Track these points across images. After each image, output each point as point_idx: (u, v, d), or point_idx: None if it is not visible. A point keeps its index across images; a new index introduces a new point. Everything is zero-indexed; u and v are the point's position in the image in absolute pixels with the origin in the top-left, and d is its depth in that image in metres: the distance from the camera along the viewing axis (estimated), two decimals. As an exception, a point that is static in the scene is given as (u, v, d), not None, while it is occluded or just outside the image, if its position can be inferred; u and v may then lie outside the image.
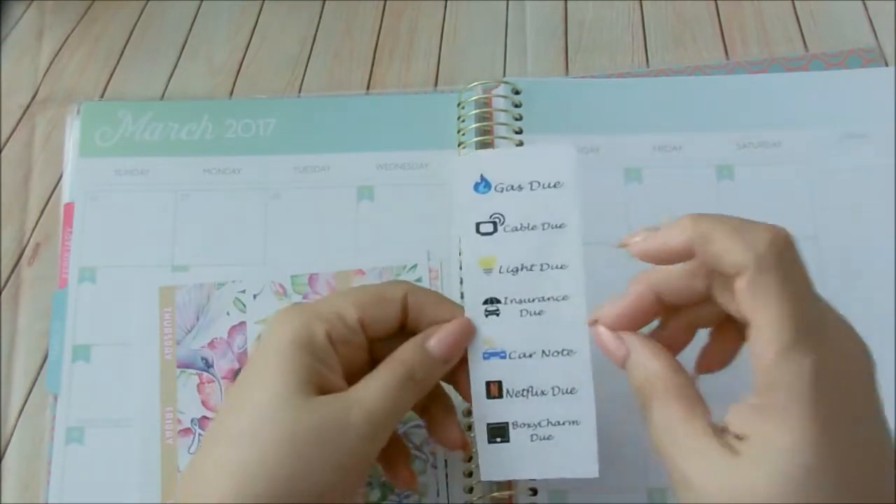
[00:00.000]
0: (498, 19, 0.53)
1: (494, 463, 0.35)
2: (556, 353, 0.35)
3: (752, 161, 0.45)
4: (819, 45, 0.49)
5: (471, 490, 0.40)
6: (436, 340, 0.34)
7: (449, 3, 0.54)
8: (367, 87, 0.51)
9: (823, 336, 0.27)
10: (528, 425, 0.35)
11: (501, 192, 0.35)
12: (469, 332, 0.35)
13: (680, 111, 0.47)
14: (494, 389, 0.35)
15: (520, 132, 0.46)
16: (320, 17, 0.55)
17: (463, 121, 0.47)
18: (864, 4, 0.51)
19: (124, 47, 0.54)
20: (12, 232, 0.48)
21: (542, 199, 0.35)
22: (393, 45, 0.53)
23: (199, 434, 0.42)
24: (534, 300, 0.35)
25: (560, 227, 0.35)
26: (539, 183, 0.35)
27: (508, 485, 0.40)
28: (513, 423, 0.35)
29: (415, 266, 0.44)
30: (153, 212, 0.46)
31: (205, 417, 0.42)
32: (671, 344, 0.32)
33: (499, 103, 0.47)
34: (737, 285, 0.28)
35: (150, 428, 0.42)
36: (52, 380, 0.44)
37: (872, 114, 0.45)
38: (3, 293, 0.47)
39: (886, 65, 0.48)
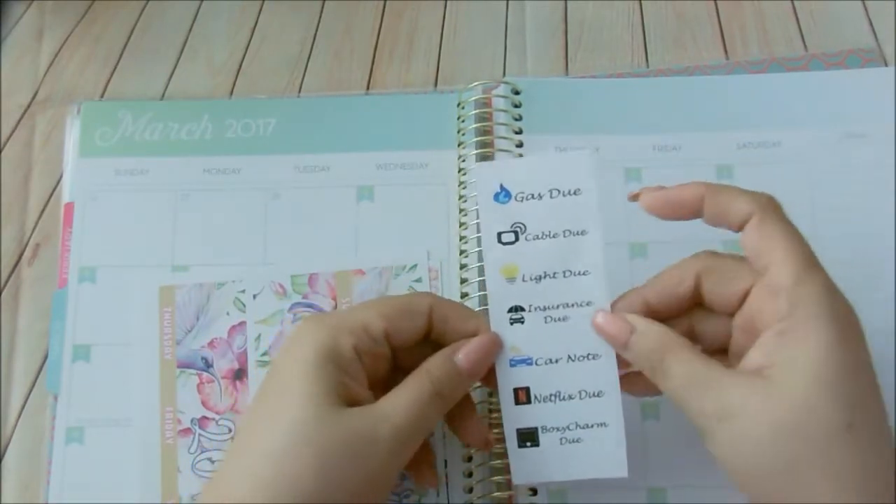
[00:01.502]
0: (498, 19, 0.53)
1: (525, 467, 0.36)
2: (581, 358, 0.35)
3: (752, 161, 0.45)
4: (819, 45, 0.49)
5: (471, 490, 0.40)
6: (464, 354, 0.34)
7: (449, 3, 0.54)
8: (367, 87, 0.51)
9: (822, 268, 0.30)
10: (557, 429, 0.36)
11: (521, 201, 0.36)
12: (496, 346, 0.35)
13: (680, 111, 0.47)
14: (522, 395, 0.36)
15: (520, 132, 0.46)
16: (320, 17, 0.55)
17: (463, 121, 0.47)
18: (864, 4, 0.51)
19: (124, 47, 0.54)
20: (12, 232, 0.48)
21: (563, 206, 0.36)
22: (393, 45, 0.53)
23: (200, 434, 0.42)
24: (558, 307, 0.35)
25: (581, 233, 0.35)
26: (559, 191, 0.36)
27: (508, 485, 0.40)
28: (542, 428, 0.36)
29: (415, 266, 0.44)
30: (153, 212, 0.46)
31: (205, 417, 0.42)
32: None
33: (499, 103, 0.47)
34: (746, 230, 0.31)
35: (150, 428, 0.42)
36: (52, 380, 0.44)
37: (872, 114, 0.45)
38: (3, 293, 0.47)
39: (886, 65, 0.48)
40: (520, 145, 0.46)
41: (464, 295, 0.43)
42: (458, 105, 0.47)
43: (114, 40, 0.55)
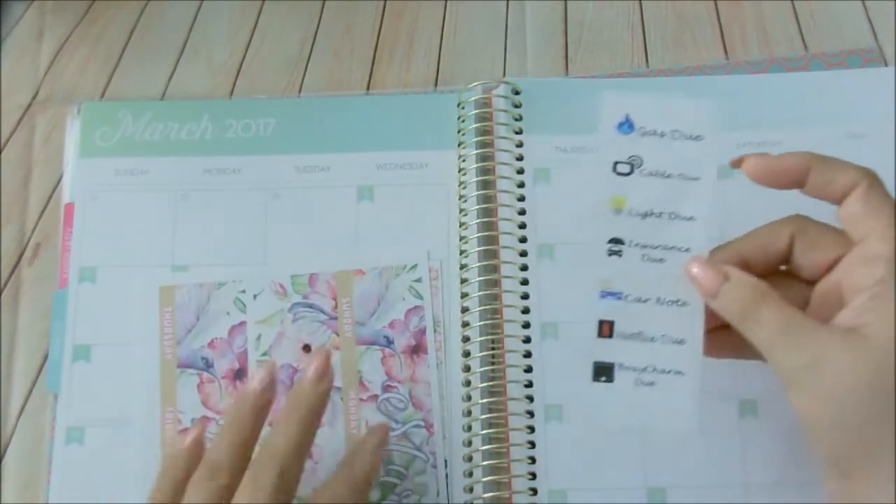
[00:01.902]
0: (498, 19, 0.53)
1: (596, 405, 0.36)
2: (670, 303, 0.35)
3: (752, 161, 0.45)
4: (819, 45, 0.49)
5: (471, 490, 0.40)
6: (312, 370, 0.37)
7: (449, 3, 0.54)
8: (367, 87, 0.51)
9: None
10: (634, 369, 0.35)
11: (643, 135, 0.36)
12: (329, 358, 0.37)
13: (680, 111, 0.46)
14: (606, 329, 0.36)
15: (520, 132, 0.46)
16: (320, 17, 0.55)
17: (463, 121, 0.47)
18: (864, 4, 0.51)
19: (124, 47, 0.54)
20: (12, 232, 0.48)
21: (682, 149, 0.36)
22: (393, 45, 0.53)
23: None
24: (657, 247, 0.35)
25: (695, 179, 0.36)
26: (681, 132, 0.36)
27: (508, 484, 0.40)
28: (619, 365, 0.35)
29: (415, 266, 0.44)
30: (153, 212, 0.46)
31: (205, 417, 0.42)
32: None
33: (499, 103, 0.47)
34: (849, 200, 0.32)
35: (151, 428, 0.42)
36: (52, 380, 0.44)
37: (872, 114, 0.45)
38: (3, 293, 0.47)
39: (886, 65, 0.48)
40: (520, 145, 0.46)
41: (464, 295, 0.43)
42: (458, 105, 0.47)
43: (114, 40, 0.55)
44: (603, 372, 0.36)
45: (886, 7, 0.50)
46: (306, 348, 0.43)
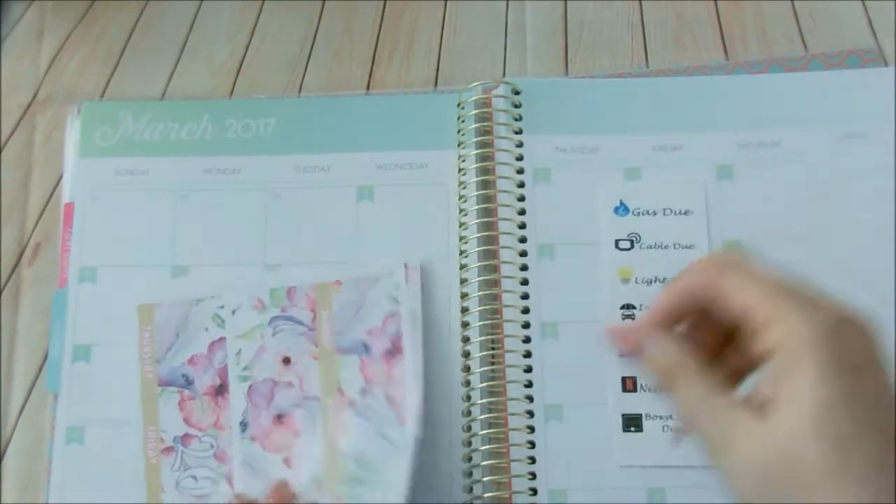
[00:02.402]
0: (498, 19, 0.53)
1: (628, 450, 0.40)
2: None
3: (752, 161, 0.45)
4: (819, 46, 0.49)
5: (471, 490, 0.40)
6: None
7: (449, 3, 0.54)
8: (367, 87, 0.51)
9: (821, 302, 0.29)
10: (661, 417, 0.40)
11: (638, 216, 0.43)
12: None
13: (680, 111, 0.47)
14: (630, 384, 0.41)
15: (520, 132, 0.46)
16: (320, 17, 0.55)
17: (463, 121, 0.47)
18: (864, 4, 0.51)
19: (124, 47, 0.54)
20: (12, 232, 0.48)
21: (674, 223, 0.43)
22: (393, 45, 0.53)
23: (182, 451, 0.42)
24: None
25: (689, 247, 0.42)
26: (671, 210, 0.43)
27: (508, 484, 0.40)
28: (646, 415, 0.40)
29: (391, 273, 0.44)
30: (153, 212, 0.46)
31: (187, 435, 0.42)
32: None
33: (499, 103, 0.47)
34: (720, 293, 0.30)
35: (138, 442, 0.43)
36: (52, 380, 0.44)
37: (872, 114, 0.45)
38: (3, 293, 0.47)
39: (886, 65, 0.48)
40: (520, 145, 0.46)
41: (464, 295, 0.43)
42: (458, 105, 0.47)
43: (114, 40, 0.55)
44: (632, 423, 0.40)
45: (886, 7, 0.50)
46: (286, 361, 0.43)
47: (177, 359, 0.43)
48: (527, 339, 0.42)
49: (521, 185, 0.45)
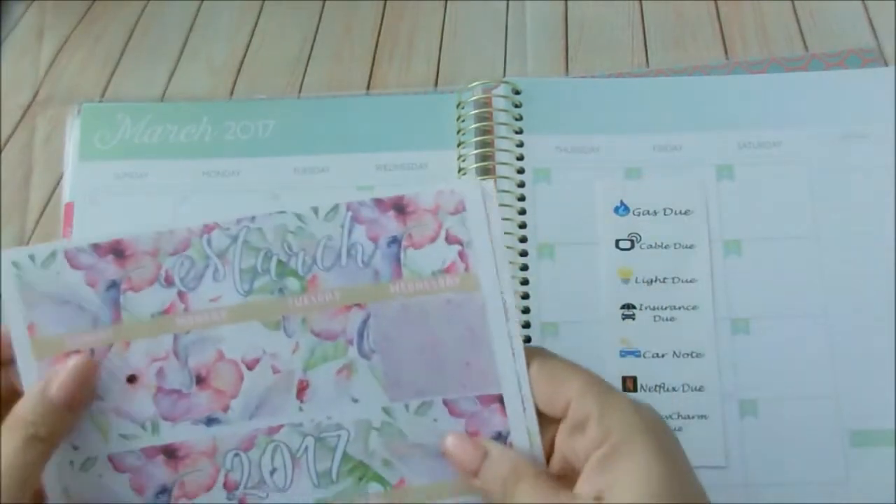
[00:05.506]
0: (498, 19, 0.53)
1: None
2: (685, 355, 0.40)
3: (752, 161, 0.45)
4: (819, 45, 0.49)
5: (471, 490, 0.40)
6: (57, 387, 0.30)
7: (449, 3, 0.54)
8: (367, 88, 0.51)
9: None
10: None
11: (638, 215, 0.43)
12: (91, 367, 0.31)
13: (680, 111, 0.46)
14: (630, 384, 0.40)
15: (520, 132, 0.46)
16: (320, 17, 0.55)
17: (463, 121, 0.47)
18: (864, 4, 0.51)
19: (124, 47, 0.54)
20: (12, 232, 0.48)
21: (675, 223, 0.43)
22: (393, 45, 0.53)
23: None
24: (666, 308, 0.41)
25: (690, 247, 0.42)
26: (672, 210, 0.43)
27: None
28: None
29: None
30: (153, 215, 0.46)
31: None
32: None
33: (499, 103, 0.47)
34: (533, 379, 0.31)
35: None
36: (53, 380, 0.44)
37: (872, 114, 0.45)
38: (4, 294, 0.47)
39: (886, 65, 0.48)
40: (520, 145, 0.46)
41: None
42: (458, 105, 0.47)
43: (114, 40, 0.55)
44: None
45: (886, 7, 0.50)
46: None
47: None
48: (527, 339, 0.42)
49: (522, 184, 0.45)
